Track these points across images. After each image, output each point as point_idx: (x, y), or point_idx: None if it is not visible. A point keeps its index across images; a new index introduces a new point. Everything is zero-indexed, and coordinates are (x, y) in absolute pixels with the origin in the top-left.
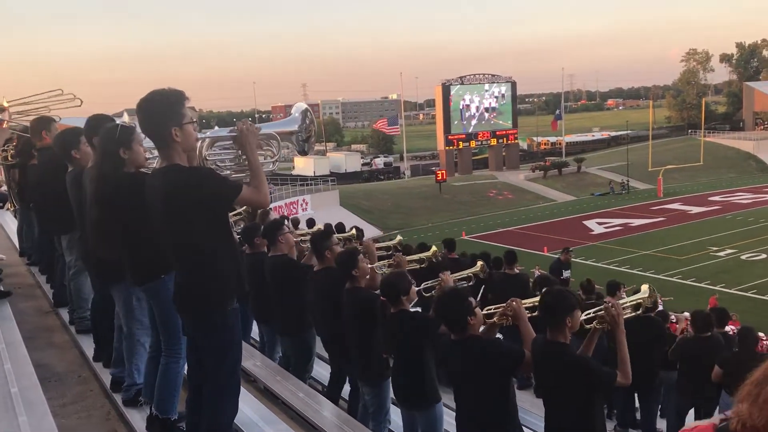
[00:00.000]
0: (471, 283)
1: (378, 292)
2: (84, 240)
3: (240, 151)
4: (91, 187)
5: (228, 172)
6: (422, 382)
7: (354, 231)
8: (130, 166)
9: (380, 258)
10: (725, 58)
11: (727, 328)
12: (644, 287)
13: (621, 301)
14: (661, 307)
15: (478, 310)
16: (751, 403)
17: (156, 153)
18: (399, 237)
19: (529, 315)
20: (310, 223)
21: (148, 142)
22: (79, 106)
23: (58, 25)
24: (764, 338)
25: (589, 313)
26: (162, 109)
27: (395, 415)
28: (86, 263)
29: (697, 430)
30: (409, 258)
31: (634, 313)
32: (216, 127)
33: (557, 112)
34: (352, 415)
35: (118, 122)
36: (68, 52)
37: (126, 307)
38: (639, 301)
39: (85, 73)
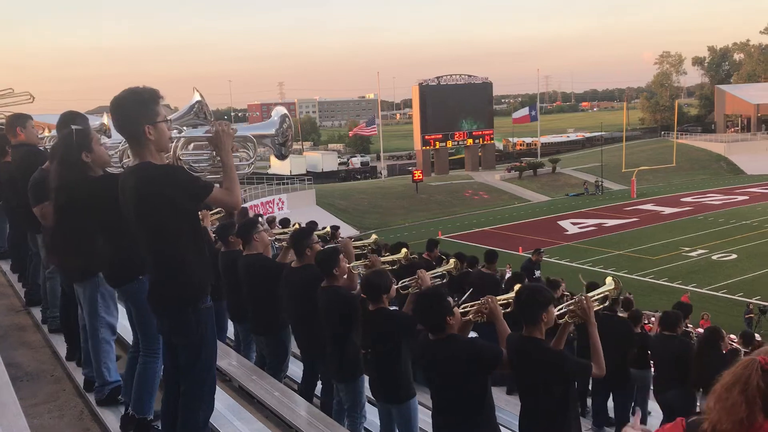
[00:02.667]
0: (445, 281)
1: (355, 291)
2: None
3: (214, 152)
4: (56, 194)
5: (202, 173)
6: (397, 378)
7: (329, 229)
8: (95, 168)
9: (356, 257)
10: (697, 62)
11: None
12: (608, 279)
13: (589, 294)
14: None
15: (456, 309)
16: (721, 407)
17: (120, 149)
18: (374, 236)
19: (504, 312)
20: (285, 222)
21: (116, 138)
22: (31, 102)
23: (32, 21)
24: (734, 338)
25: (561, 308)
26: (135, 107)
27: (371, 413)
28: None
29: (666, 429)
30: (381, 260)
31: (601, 306)
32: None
33: (533, 112)
34: (325, 411)
35: (72, 127)
36: (42, 48)
37: (90, 305)
38: (606, 293)
39: (60, 69)
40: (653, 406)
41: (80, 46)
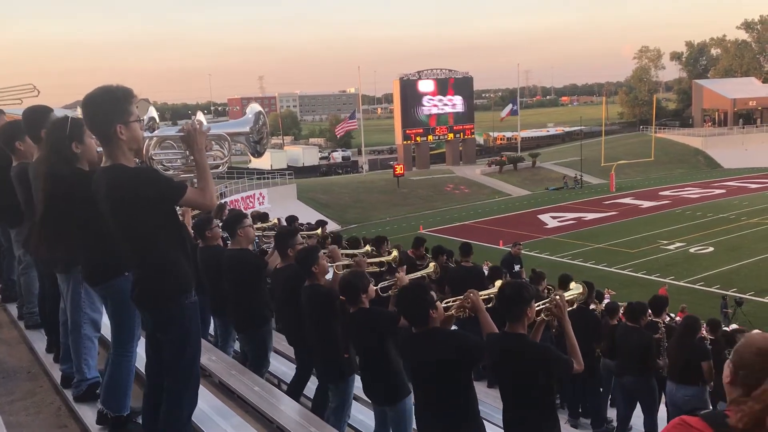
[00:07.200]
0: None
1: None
2: (27, 234)
3: (188, 152)
4: (40, 184)
5: (176, 172)
6: (389, 378)
7: (319, 231)
8: (83, 161)
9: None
10: (675, 56)
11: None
12: (573, 285)
13: (564, 294)
14: (608, 299)
15: (439, 303)
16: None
17: None
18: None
19: (486, 306)
20: (263, 217)
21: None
22: (36, 96)
23: (8, 12)
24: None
25: (538, 305)
26: (107, 106)
27: (356, 411)
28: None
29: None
30: (369, 260)
31: (570, 307)
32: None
33: (513, 107)
34: (316, 411)
35: (68, 115)
36: (18, 40)
37: (73, 299)
38: (575, 296)
39: (38, 62)
40: None
41: (57, 39)
